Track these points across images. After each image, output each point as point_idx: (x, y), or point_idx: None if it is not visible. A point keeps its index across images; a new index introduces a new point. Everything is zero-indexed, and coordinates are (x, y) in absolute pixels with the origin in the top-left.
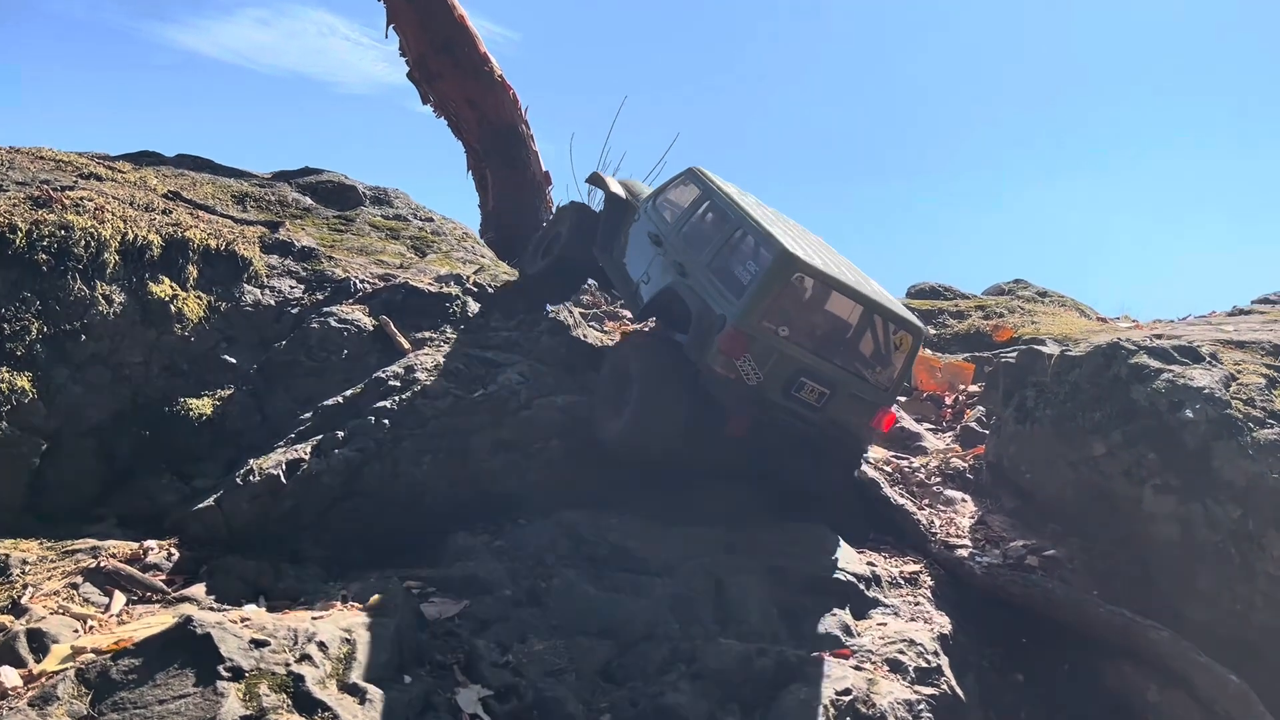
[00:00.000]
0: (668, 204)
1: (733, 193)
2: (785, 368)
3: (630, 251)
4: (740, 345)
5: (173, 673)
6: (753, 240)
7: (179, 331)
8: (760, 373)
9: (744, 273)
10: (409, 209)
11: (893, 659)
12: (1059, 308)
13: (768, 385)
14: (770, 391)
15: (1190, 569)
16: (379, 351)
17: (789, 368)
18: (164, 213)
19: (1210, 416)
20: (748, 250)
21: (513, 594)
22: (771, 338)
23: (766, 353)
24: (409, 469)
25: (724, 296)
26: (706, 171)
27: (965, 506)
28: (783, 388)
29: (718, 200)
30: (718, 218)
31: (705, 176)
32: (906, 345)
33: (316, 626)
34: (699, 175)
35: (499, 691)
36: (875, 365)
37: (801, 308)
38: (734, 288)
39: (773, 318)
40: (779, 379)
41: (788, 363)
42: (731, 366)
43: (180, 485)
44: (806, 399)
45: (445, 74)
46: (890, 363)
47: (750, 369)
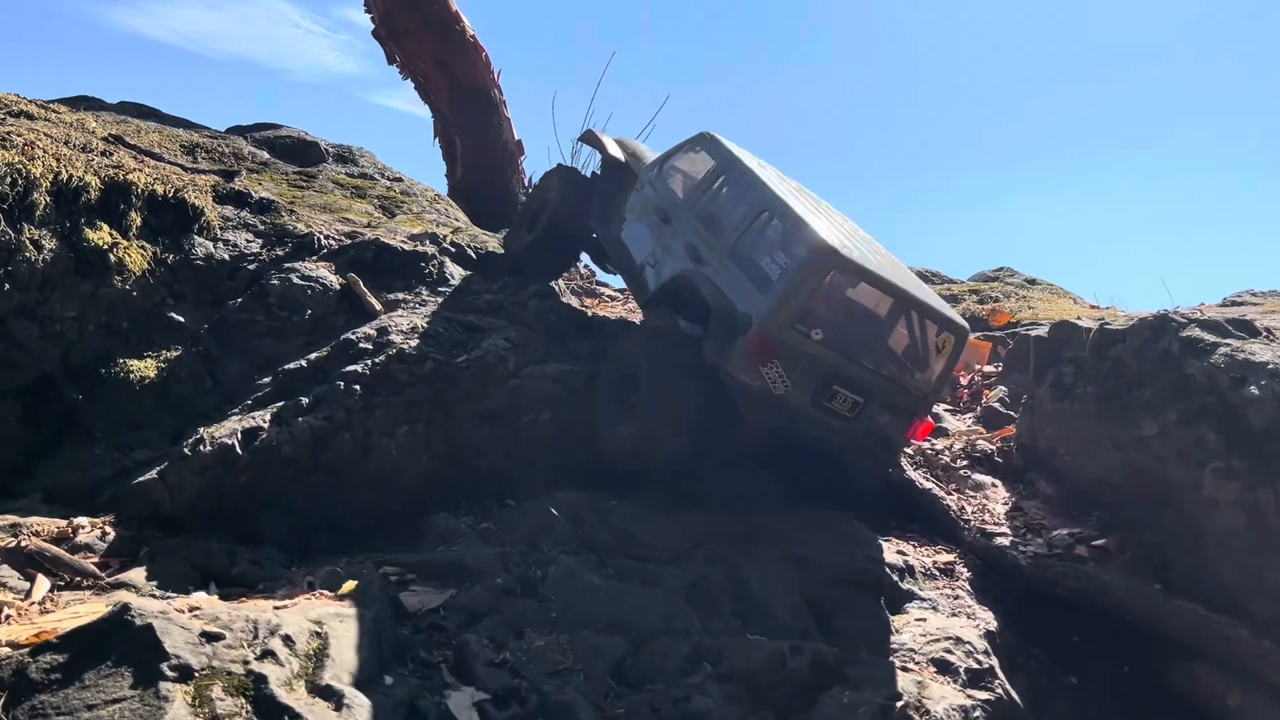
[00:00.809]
0: (676, 173)
1: (754, 166)
2: (817, 375)
3: (632, 226)
4: (768, 351)
5: (105, 672)
6: (781, 226)
7: (119, 284)
8: (789, 381)
9: (772, 265)
10: (375, 168)
11: (939, 659)
12: (1051, 294)
13: (796, 394)
14: (799, 401)
15: (1259, 561)
16: (347, 312)
17: (821, 375)
18: (103, 154)
19: (1278, 394)
20: (775, 237)
21: (504, 583)
22: (803, 342)
23: (797, 358)
24: (382, 441)
25: (748, 292)
26: (722, 138)
27: (996, 492)
28: (813, 396)
29: (738, 174)
30: (738, 195)
31: (721, 144)
32: (949, 347)
33: (281, 618)
34: (714, 142)
35: (496, 695)
36: (914, 369)
37: (836, 306)
38: (760, 282)
39: (805, 320)
40: (809, 387)
41: (820, 369)
42: (756, 374)
43: (118, 456)
44: (839, 409)
45: (413, 32)
46: (930, 366)
47: (778, 376)
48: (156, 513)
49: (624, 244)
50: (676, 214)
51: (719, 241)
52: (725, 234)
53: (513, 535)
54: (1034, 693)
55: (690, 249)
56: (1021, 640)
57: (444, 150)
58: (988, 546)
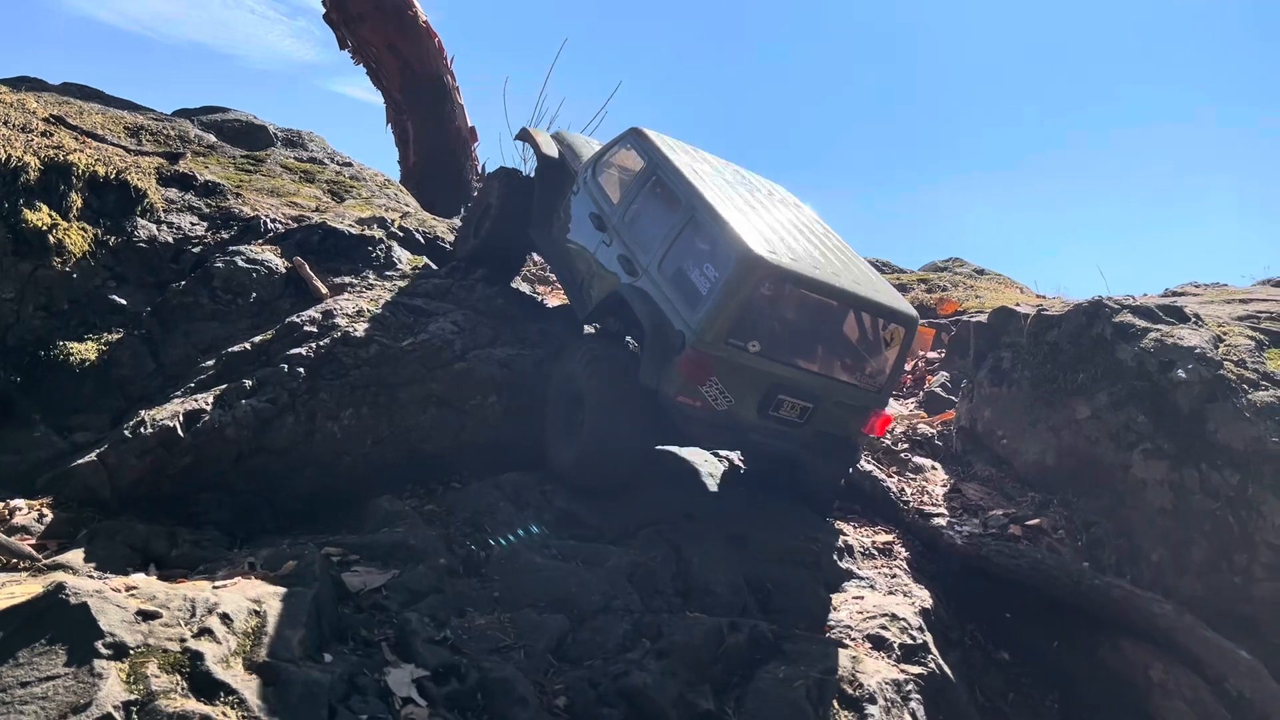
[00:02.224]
0: (611, 174)
1: (682, 164)
2: (759, 386)
3: (571, 232)
4: (704, 370)
5: (39, 650)
6: (709, 233)
7: (59, 266)
8: (730, 396)
9: (701, 279)
10: (325, 152)
11: (875, 635)
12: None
13: (740, 408)
14: (744, 414)
15: (1184, 538)
16: (292, 296)
17: (764, 386)
18: (44, 135)
19: (1204, 377)
20: (704, 246)
21: (448, 563)
22: (740, 355)
23: (735, 373)
24: (326, 423)
25: (681, 307)
26: (652, 134)
27: (936, 474)
28: (759, 407)
29: (666, 175)
30: (668, 199)
31: (650, 141)
32: (899, 339)
33: (219, 597)
34: (643, 138)
35: (436, 672)
36: (864, 365)
37: (773, 313)
38: (690, 296)
39: (740, 332)
40: (753, 399)
41: (761, 380)
42: (696, 393)
43: (56, 439)
44: (787, 416)
45: (366, 17)
46: (882, 359)
47: (718, 393)
48: (95, 495)
49: (564, 251)
50: (611, 219)
51: (650, 251)
52: (656, 243)
53: (457, 516)
54: (967, 667)
55: (623, 260)
56: (956, 617)
57: (396, 136)
58: (925, 526)
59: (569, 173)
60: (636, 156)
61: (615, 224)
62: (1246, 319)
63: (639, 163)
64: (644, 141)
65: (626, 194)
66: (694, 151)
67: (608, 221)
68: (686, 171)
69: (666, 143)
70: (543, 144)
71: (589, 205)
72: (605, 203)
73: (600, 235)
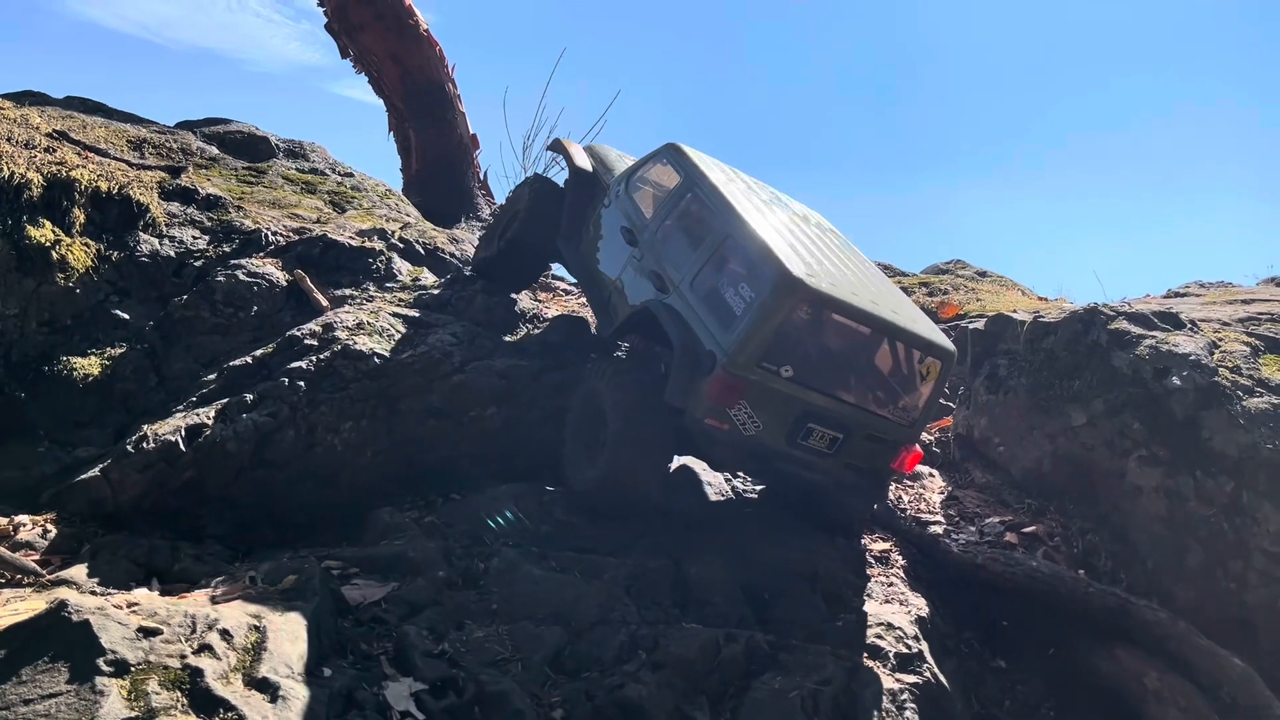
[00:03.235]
0: (645, 188)
1: (719, 182)
2: (789, 413)
3: (601, 246)
4: (734, 393)
5: (42, 667)
6: (746, 253)
7: (62, 282)
8: (759, 421)
9: (736, 299)
10: (326, 163)
11: (871, 645)
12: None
13: (769, 434)
14: (773, 440)
15: (1179, 545)
16: (293, 309)
17: (794, 413)
18: (47, 151)
19: (1199, 384)
20: (740, 266)
21: (446, 575)
22: (772, 380)
23: (766, 398)
24: (327, 436)
25: (713, 327)
26: (689, 150)
27: (933, 481)
28: (787, 435)
29: (703, 192)
30: (703, 216)
31: (687, 157)
32: (935, 373)
33: (219, 612)
34: (679, 154)
35: (434, 685)
36: (898, 398)
37: (808, 338)
38: (724, 317)
39: (773, 357)
40: (783, 426)
41: (792, 407)
42: (724, 416)
43: (60, 454)
44: (816, 446)
45: (367, 26)
46: (915, 392)
47: (747, 418)
48: (99, 510)
49: (592, 265)
50: (643, 235)
51: (683, 268)
52: (689, 260)
53: (456, 528)
54: (963, 676)
55: (654, 276)
56: (953, 626)
57: (398, 145)
58: (922, 534)
59: (600, 186)
60: (672, 172)
61: (647, 239)
62: (1248, 320)
63: (674, 178)
64: (680, 157)
65: (660, 209)
66: (730, 170)
67: (639, 236)
68: (724, 189)
69: (703, 160)
70: (575, 155)
71: (620, 219)
72: (638, 217)
73: (630, 250)
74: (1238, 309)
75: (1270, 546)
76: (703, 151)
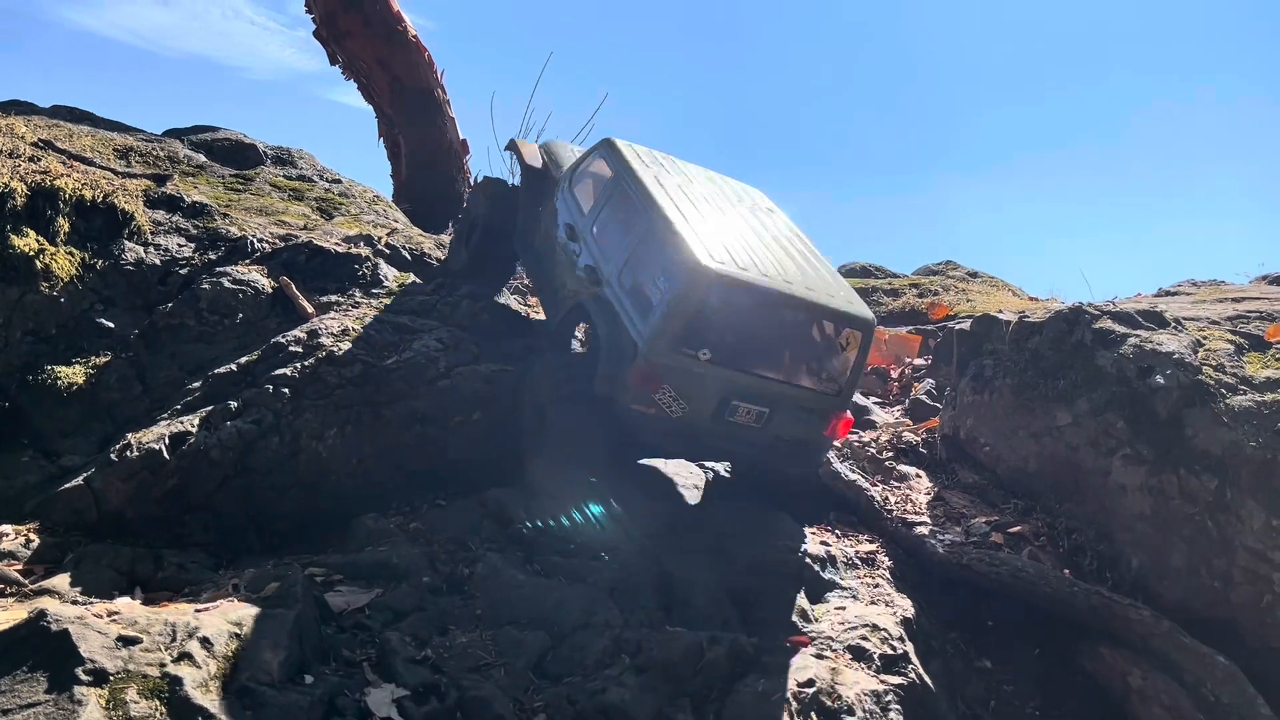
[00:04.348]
0: (584, 184)
1: (645, 175)
2: (712, 393)
3: (548, 241)
4: (655, 379)
5: (20, 677)
6: (661, 244)
7: (46, 291)
8: (683, 404)
9: (654, 289)
10: (314, 170)
11: (855, 646)
12: (991, 287)
13: (695, 415)
14: (699, 420)
15: (1164, 543)
16: (279, 316)
17: (717, 392)
18: (31, 160)
19: (1182, 382)
20: (657, 257)
21: (431, 581)
22: (691, 364)
23: (687, 381)
24: (311, 443)
25: (635, 318)
26: (622, 144)
27: (920, 482)
28: (713, 414)
29: (629, 186)
30: (630, 210)
31: (619, 151)
32: (856, 342)
33: (200, 620)
34: (613, 149)
35: (416, 691)
36: (822, 369)
37: (725, 321)
38: (644, 308)
39: (690, 341)
40: (707, 405)
41: (715, 387)
42: (650, 401)
43: (45, 463)
44: (743, 421)
45: (355, 32)
46: (840, 363)
47: (672, 400)
48: (82, 519)
49: (539, 261)
50: (581, 229)
51: (613, 261)
52: (618, 254)
53: (441, 534)
54: (949, 676)
55: (589, 270)
56: (938, 626)
57: (388, 150)
58: (908, 535)
59: (552, 182)
60: (605, 166)
61: (585, 234)
62: (1236, 319)
63: (609, 173)
64: (612, 152)
65: (595, 204)
66: (668, 162)
67: (578, 231)
68: (648, 182)
69: (635, 153)
70: (526, 154)
71: (564, 215)
72: (578, 213)
73: (573, 245)
74: (1228, 307)
75: (1254, 544)
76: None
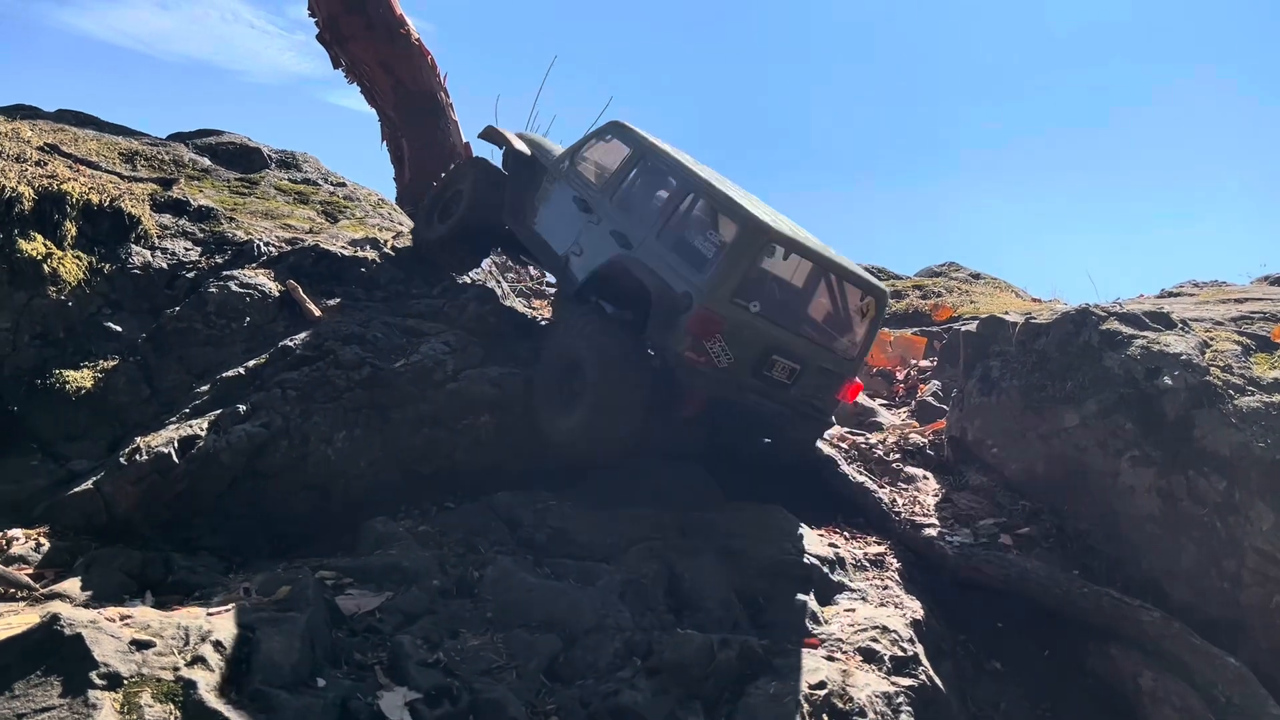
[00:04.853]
0: (591, 163)
1: (671, 151)
2: (757, 346)
3: (549, 218)
4: (712, 326)
5: (35, 681)
6: (711, 206)
7: (54, 295)
8: (731, 354)
9: (705, 245)
10: (319, 173)
11: (866, 648)
12: (994, 289)
13: (739, 366)
14: (741, 372)
15: (1173, 545)
16: (286, 319)
17: (761, 345)
18: (38, 164)
19: (1190, 384)
20: (704, 218)
21: (441, 584)
22: (743, 315)
23: (738, 331)
24: (320, 447)
25: (685, 272)
26: (634, 126)
27: (928, 484)
28: (754, 367)
29: (657, 160)
30: (660, 180)
31: (634, 131)
32: (872, 310)
33: (212, 624)
34: (627, 130)
35: (429, 694)
36: (841, 335)
37: (766, 279)
38: (695, 262)
39: (744, 293)
40: (750, 358)
41: (759, 340)
42: (702, 350)
43: (53, 467)
44: (777, 377)
45: (357, 36)
46: (855, 329)
47: (721, 350)
48: (92, 523)
49: (542, 237)
50: (597, 203)
51: (646, 225)
52: (652, 217)
53: (451, 537)
54: (958, 678)
55: (617, 235)
56: (948, 628)
57: (392, 154)
58: (916, 537)
59: (539, 166)
60: (619, 145)
61: (602, 205)
62: (1240, 319)
63: (622, 150)
64: (627, 131)
65: (614, 177)
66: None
67: (593, 204)
68: (677, 155)
69: (647, 133)
70: (512, 140)
71: (570, 191)
72: (588, 188)
73: (586, 216)
74: (1231, 308)
75: (1264, 545)
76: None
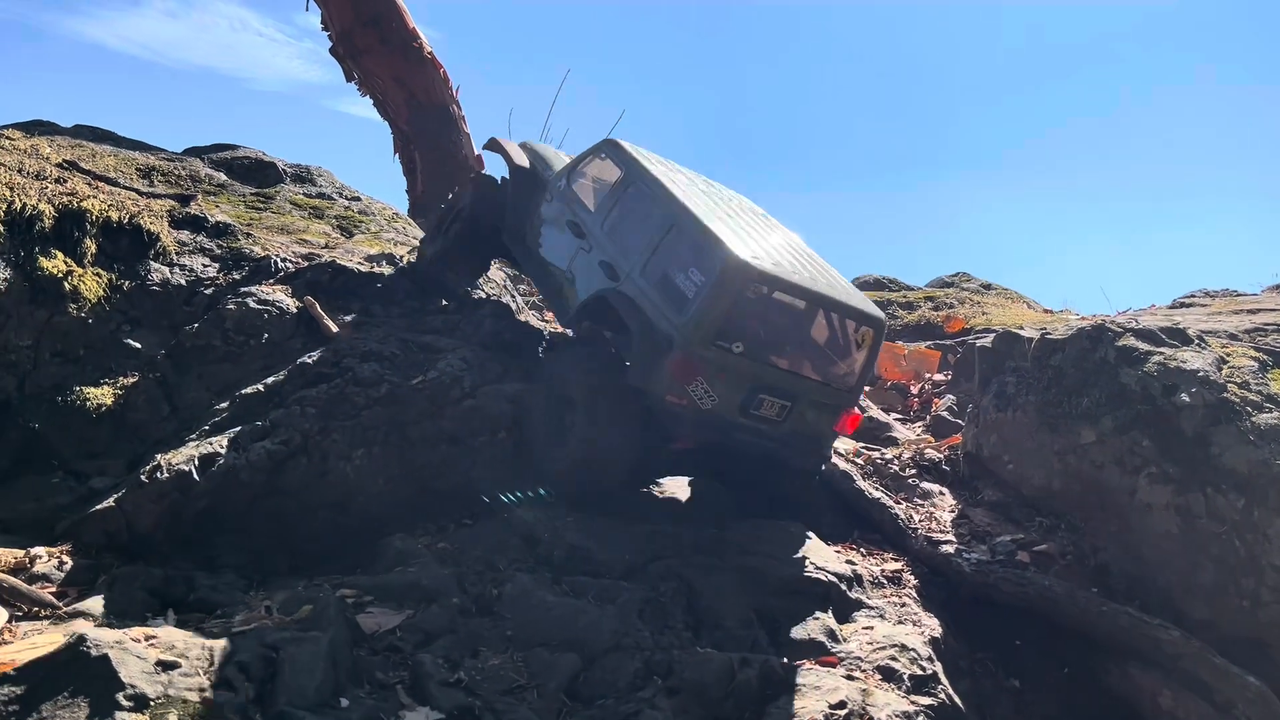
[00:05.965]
0: (586, 183)
1: (659, 175)
2: (742, 385)
3: (547, 239)
4: (691, 370)
5: (62, 702)
6: (692, 240)
7: (74, 312)
8: (715, 395)
9: (687, 283)
10: (334, 187)
11: (885, 666)
12: (1005, 299)
13: (724, 407)
14: (727, 412)
15: (1192, 563)
16: (304, 335)
17: (746, 385)
18: (58, 181)
19: (1207, 400)
20: (688, 252)
21: (461, 602)
22: (725, 357)
23: (720, 373)
24: (339, 464)
25: (667, 311)
26: (627, 145)
27: (944, 500)
28: (740, 407)
29: (644, 185)
30: (647, 207)
31: (627, 151)
32: (869, 340)
33: (236, 644)
34: (620, 150)
35: (450, 714)
36: (837, 365)
37: (755, 315)
38: (676, 301)
39: (725, 335)
40: (736, 398)
41: (745, 380)
42: (683, 393)
43: (75, 485)
44: (767, 414)
45: (371, 50)
46: (852, 359)
47: (704, 392)
48: (113, 541)
49: (541, 257)
50: (590, 228)
51: (632, 257)
52: (638, 249)
53: (469, 554)
54: (977, 697)
55: (605, 266)
56: (966, 646)
57: (404, 166)
58: (933, 554)
59: (540, 181)
60: (612, 166)
61: (594, 231)
62: (1254, 331)
63: (614, 172)
64: (620, 153)
65: (605, 202)
66: (667, 163)
67: (586, 228)
68: (666, 181)
69: (642, 154)
70: (513, 154)
71: (565, 213)
72: (582, 210)
73: (579, 242)
74: (1244, 319)
75: None
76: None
